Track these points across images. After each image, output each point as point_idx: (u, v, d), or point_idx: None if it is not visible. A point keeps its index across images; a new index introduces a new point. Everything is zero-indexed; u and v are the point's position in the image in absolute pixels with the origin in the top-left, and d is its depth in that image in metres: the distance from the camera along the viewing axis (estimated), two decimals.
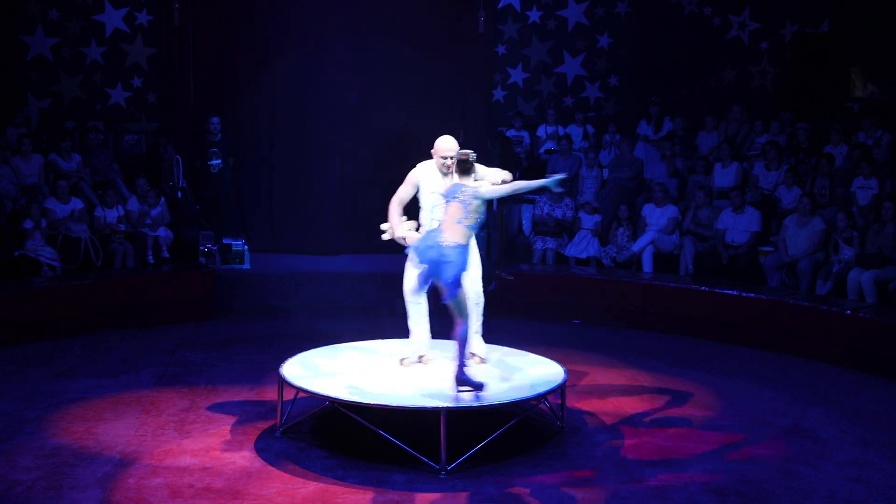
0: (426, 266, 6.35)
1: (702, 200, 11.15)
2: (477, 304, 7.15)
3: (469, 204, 6.33)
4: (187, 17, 12.47)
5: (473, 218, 6.37)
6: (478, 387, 6.42)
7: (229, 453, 6.41)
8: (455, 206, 6.36)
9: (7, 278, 9.88)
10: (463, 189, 6.39)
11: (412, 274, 6.83)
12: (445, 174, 6.89)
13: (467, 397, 6.37)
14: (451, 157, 6.80)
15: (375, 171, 12.51)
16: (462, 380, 6.42)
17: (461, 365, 6.42)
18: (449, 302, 6.35)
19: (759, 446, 6.72)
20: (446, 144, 6.91)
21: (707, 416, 7.40)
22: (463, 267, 6.32)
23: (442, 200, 6.66)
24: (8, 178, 10.90)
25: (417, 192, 7.05)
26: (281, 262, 12.24)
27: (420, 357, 7.16)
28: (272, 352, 8.70)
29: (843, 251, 9.86)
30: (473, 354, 7.11)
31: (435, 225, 6.72)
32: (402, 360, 7.14)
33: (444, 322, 6.91)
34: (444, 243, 6.29)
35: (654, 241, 11.09)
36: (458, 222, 6.34)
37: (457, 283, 6.30)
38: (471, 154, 6.52)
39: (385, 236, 7.02)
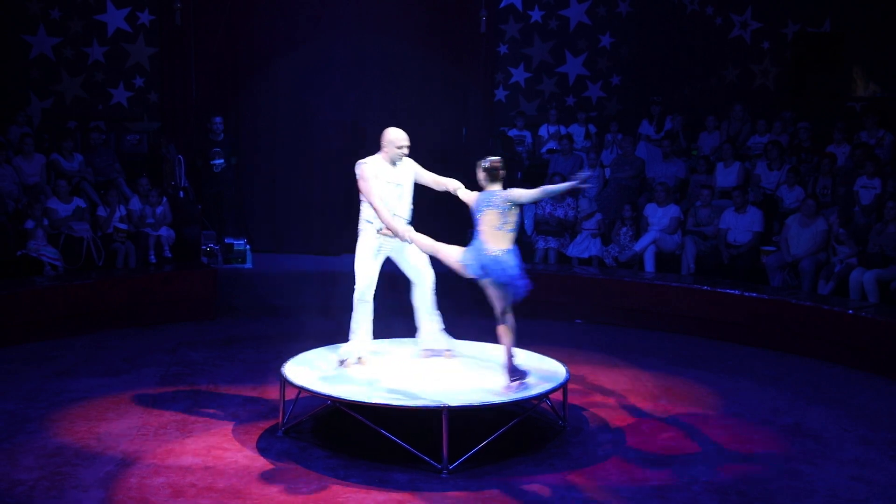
0: (490, 279, 6.52)
1: (706, 200, 11.16)
2: (430, 290, 7.28)
3: (506, 210, 6.46)
4: (189, 17, 12.51)
5: (512, 222, 6.51)
6: (524, 374, 6.65)
7: (231, 453, 6.41)
8: (492, 214, 6.47)
9: (9, 278, 9.89)
10: (496, 196, 6.50)
11: (370, 271, 7.04)
12: (396, 165, 7.01)
13: (515, 386, 6.54)
14: (407, 147, 7.01)
15: None
16: (513, 369, 6.62)
17: (511, 356, 6.65)
18: (517, 300, 6.65)
19: (760, 445, 6.72)
20: (403, 135, 7.00)
21: (709, 415, 7.40)
22: (517, 268, 6.54)
23: (396, 191, 6.96)
24: (10, 178, 10.91)
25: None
26: (283, 262, 12.25)
27: (359, 358, 7.11)
28: (274, 351, 8.68)
29: (840, 251, 9.86)
30: (447, 350, 7.35)
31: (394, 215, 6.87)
32: (341, 361, 7.05)
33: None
34: (493, 253, 6.45)
35: (656, 241, 11.09)
36: (499, 228, 6.47)
37: (521, 282, 6.56)
38: (500, 161, 6.66)
39: (386, 233, 6.97)
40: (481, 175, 6.63)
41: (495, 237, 6.48)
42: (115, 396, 7.62)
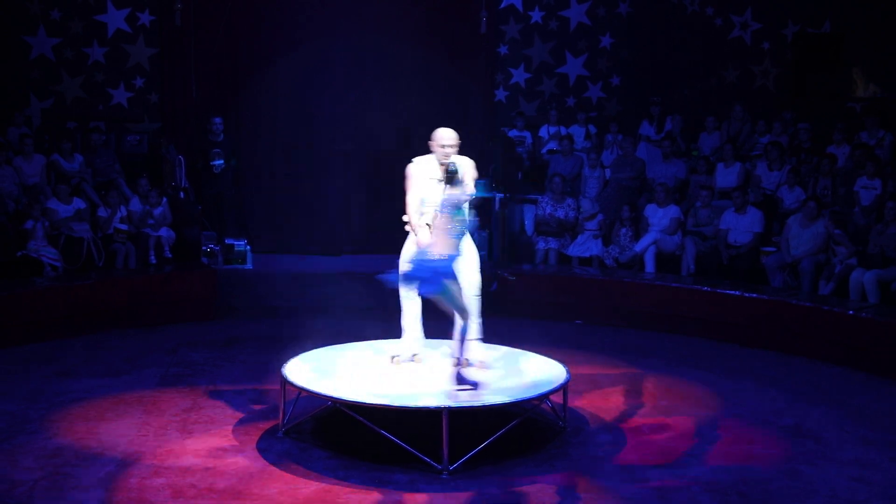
0: (421, 281, 6.34)
1: (706, 200, 11.17)
2: (469, 297, 7.13)
3: (453, 212, 6.35)
4: (189, 18, 12.52)
5: (454, 227, 6.38)
6: (473, 385, 6.46)
7: (231, 453, 6.41)
8: (444, 218, 6.37)
9: (9, 278, 9.89)
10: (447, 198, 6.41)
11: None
12: (444, 163, 6.86)
13: (464, 396, 6.37)
14: (452, 146, 6.84)
15: (377, 171, 12.52)
16: (460, 378, 6.48)
17: (460, 363, 6.50)
18: (437, 296, 6.38)
19: (760, 446, 6.72)
20: (448, 134, 6.88)
21: (709, 416, 7.40)
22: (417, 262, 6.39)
23: (434, 193, 6.77)
24: (10, 179, 10.91)
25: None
26: (283, 263, 12.25)
27: (413, 355, 7.15)
28: (274, 352, 8.68)
29: (838, 252, 9.87)
30: (471, 361, 7.16)
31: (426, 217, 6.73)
32: (393, 357, 7.13)
33: (441, 322, 6.94)
34: (435, 257, 6.28)
35: (656, 242, 11.09)
36: (447, 232, 6.35)
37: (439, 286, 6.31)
38: (451, 165, 6.55)
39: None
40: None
41: (441, 240, 6.34)
42: (115, 397, 7.62)
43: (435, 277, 6.24)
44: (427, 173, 6.94)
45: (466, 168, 6.85)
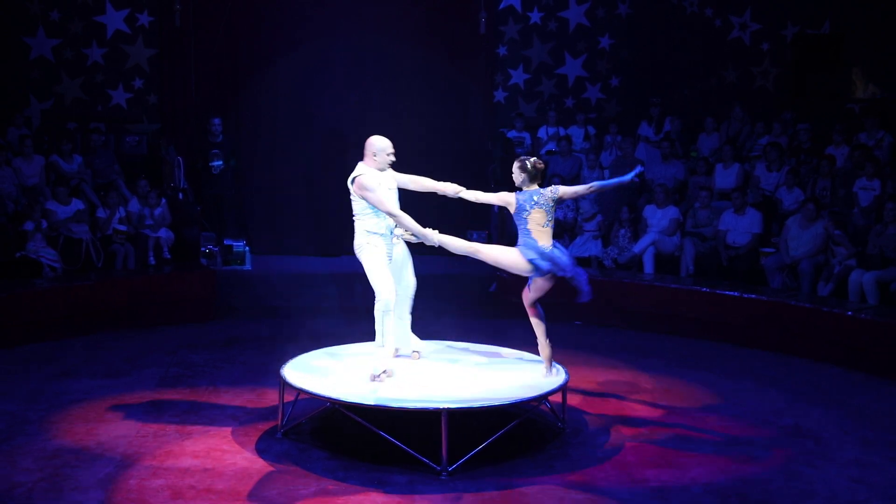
0: (550, 270, 6.74)
1: (705, 201, 11.17)
2: (410, 297, 7.20)
3: (550, 207, 6.65)
4: (188, 18, 12.52)
5: (553, 218, 6.72)
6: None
7: (230, 454, 6.41)
8: (539, 213, 6.64)
9: (8, 279, 9.89)
10: (540, 194, 6.65)
11: (390, 280, 6.81)
12: (384, 171, 6.90)
13: (554, 373, 6.86)
14: (394, 153, 6.93)
15: None
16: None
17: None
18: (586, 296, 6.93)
19: (760, 447, 6.71)
20: (389, 142, 6.95)
21: (708, 416, 7.40)
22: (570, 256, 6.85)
23: (394, 197, 6.86)
24: (9, 179, 10.92)
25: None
26: (282, 263, 12.24)
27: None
28: (273, 353, 8.69)
29: (837, 252, 9.87)
30: (414, 352, 7.26)
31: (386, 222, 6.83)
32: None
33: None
34: (549, 248, 6.67)
35: (655, 243, 11.09)
36: (545, 226, 6.67)
37: (578, 270, 6.87)
38: (542, 161, 6.81)
39: (409, 237, 6.95)
40: (522, 176, 6.71)
41: (543, 234, 6.64)
42: (114, 398, 7.62)
43: (562, 265, 6.72)
44: (379, 182, 6.83)
45: (392, 175, 6.95)
